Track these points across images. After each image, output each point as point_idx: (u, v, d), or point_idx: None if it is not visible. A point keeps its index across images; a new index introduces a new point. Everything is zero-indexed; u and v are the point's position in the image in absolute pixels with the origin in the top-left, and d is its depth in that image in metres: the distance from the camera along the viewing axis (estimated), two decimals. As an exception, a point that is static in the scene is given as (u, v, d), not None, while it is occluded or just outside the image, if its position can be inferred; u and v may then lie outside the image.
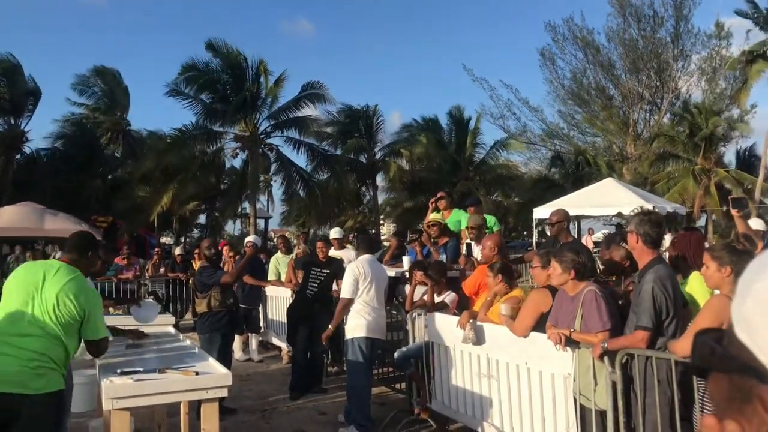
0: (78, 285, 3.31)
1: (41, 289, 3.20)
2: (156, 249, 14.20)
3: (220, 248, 7.72)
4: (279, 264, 9.01)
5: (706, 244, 4.13)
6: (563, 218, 5.85)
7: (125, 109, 28.87)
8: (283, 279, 8.74)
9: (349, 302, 5.43)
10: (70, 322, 3.21)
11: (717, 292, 3.29)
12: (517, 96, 38.86)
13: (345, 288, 5.47)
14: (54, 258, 4.11)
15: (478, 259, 5.90)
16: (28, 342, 3.05)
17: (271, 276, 8.96)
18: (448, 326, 5.07)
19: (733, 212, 4.04)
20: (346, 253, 8.09)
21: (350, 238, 12.45)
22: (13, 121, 24.12)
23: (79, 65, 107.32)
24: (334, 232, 9.17)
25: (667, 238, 7.63)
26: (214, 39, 22.75)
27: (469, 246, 6.44)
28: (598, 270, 4.50)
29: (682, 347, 3.15)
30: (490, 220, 7.05)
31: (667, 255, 4.34)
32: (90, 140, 26.34)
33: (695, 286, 3.72)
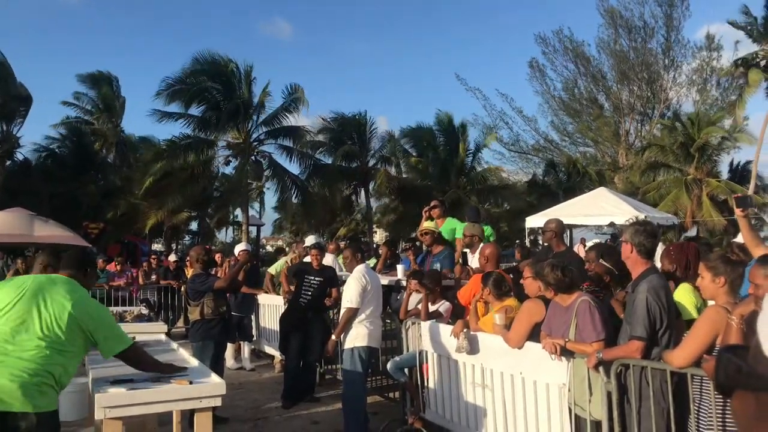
0: (87, 302, 3.21)
1: (46, 304, 3.03)
2: (152, 257, 14.13)
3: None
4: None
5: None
6: (557, 227, 5.92)
7: (119, 116, 28.77)
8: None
9: (356, 312, 5.39)
10: (76, 340, 3.06)
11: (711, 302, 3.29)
12: (512, 105, 39.17)
13: (352, 297, 5.39)
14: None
15: (474, 268, 5.91)
16: (31, 356, 2.87)
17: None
18: (442, 335, 5.06)
19: (737, 211, 3.95)
20: (329, 259, 7.99)
21: (341, 245, 12.35)
22: (5, 127, 23.91)
23: (68, 69, 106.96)
24: (309, 241, 8.95)
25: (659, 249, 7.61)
26: (204, 51, 22.69)
27: (464, 255, 6.43)
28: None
29: (676, 358, 3.16)
30: (487, 229, 7.06)
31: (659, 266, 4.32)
32: (84, 146, 26.17)
33: (681, 295, 3.71)
